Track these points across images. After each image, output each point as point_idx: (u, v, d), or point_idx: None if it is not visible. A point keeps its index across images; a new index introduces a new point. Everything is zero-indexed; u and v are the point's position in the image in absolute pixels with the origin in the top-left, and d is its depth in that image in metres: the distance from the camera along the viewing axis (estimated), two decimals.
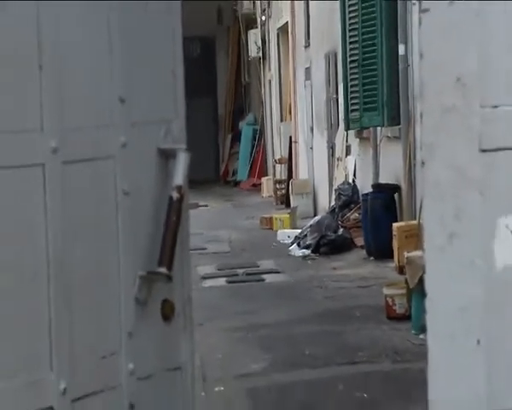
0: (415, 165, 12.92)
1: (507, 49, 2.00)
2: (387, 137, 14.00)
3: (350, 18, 14.81)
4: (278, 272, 13.64)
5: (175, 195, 2.77)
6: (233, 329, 10.04)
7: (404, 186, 13.17)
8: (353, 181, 15.53)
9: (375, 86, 13.89)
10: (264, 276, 13.34)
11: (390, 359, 9.06)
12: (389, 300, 10.44)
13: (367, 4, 14.05)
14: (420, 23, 1.95)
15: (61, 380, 2.57)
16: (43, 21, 2.64)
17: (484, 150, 1.98)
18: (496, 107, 2.00)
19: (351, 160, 16.02)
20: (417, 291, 9.89)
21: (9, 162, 2.52)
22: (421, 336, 9.49)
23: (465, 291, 1.99)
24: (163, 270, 2.73)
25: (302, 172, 20.00)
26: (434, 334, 1.99)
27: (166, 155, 2.83)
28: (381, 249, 13.05)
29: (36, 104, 2.58)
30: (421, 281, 10.28)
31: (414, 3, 12.51)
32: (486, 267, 2.00)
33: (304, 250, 14.58)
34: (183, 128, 2.92)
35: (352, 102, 14.76)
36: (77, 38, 2.73)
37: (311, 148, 18.88)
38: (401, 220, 12.91)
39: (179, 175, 2.78)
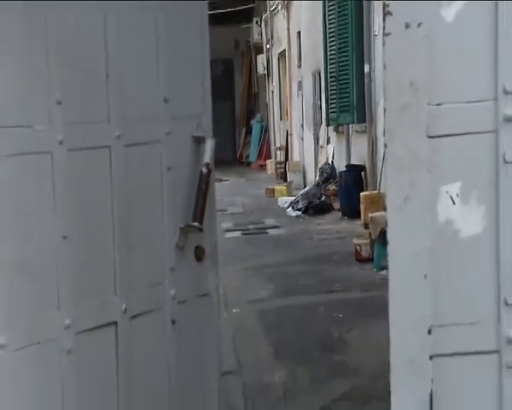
0: (376, 151, 13.03)
1: (448, 61, 1.97)
2: (356, 131, 14.14)
3: (330, 47, 15.16)
4: (278, 227, 13.78)
5: (204, 170, 2.73)
6: (246, 267, 10.18)
7: (368, 166, 13.32)
8: (332, 162, 15.71)
9: (347, 95, 14.11)
10: (268, 230, 13.53)
11: (359, 289, 9.14)
12: (357, 247, 10.56)
13: (342, 37, 14.23)
14: (384, 43, 1.95)
15: (122, 302, 2.57)
16: (109, 39, 2.57)
17: (430, 136, 1.96)
18: (439, 104, 1.98)
19: (330, 147, 16.21)
20: (378, 241, 10.04)
21: (88, 144, 2.50)
22: (381, 273, 9.53)
23: (416, 240, 1.98)
24: (196, 224, 2.70)
25: (295, 156, 20.12)
26: (394, 271, 1.97)
27: (198, 141, 2.79)
28: (351, 211, 13.20)
29: (104, 102, 2.54)
30: (380, 233, 10.32)
31: (376, 35, 12.56)
32: (432, 222, 1.98)
33: (296, 212, 14.81)
34: (209, 122, 2.88)
35: (331, 106, 15.17)
36: (133, 51, 2.66)
37: (302, 139, 18.96)
38: (366, 191, 12.92)
39: (207, 155, 2.75)
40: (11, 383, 2.29)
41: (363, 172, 13.71)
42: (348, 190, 13.61)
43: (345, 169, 14.42)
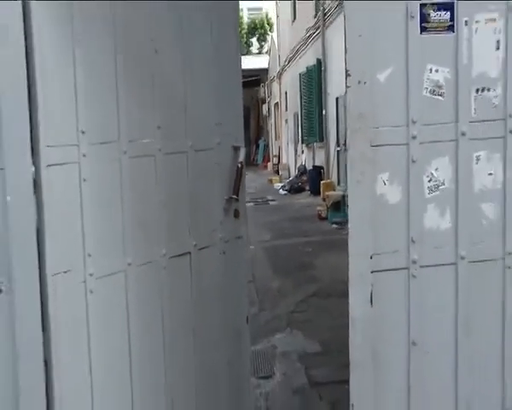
0: (329, 157, 13.03)
1: (381, 104, 1.88)
2: (318, 147, 14.01)
3: (303, 99, 15.36)
4: (274, 200, 13.86)
5: (239, 165, 2.61)
6: (257, 223, 10.08)
7: (324, 166, 13.30)
8: (304, 164, 15.73)
9: (312, 126, 14.25)
10: (269, 202, 13.56)
11: (320, 234, 9.12)
12: (319, 211, 10.52)
13: (310, 94, 14.32)
14: (346, 92, 1.87)
15: (193, 240, 2.43)
16: (187, 79, 2.36)
17: (372, 146, 1.88)
18: (377, 128, 1.88)
19: (303, 156, 16.40)
20: (331, 208, 9.95)
21: (174, 150, 2.34)
22: (333, 226, 9.49)
23: (364, 204, 1.89)
24: (234, 196, 2.60)
25: (284, 160, 20.23)
26: (352, 221, 1.89)
27: (235, 149, 2.63)
28: (315, 191, 13.24)
29: (183, 124, 2.37)
30: (332, 204, 10.24)
31: (328, 94, 12.49)
32: (372, 195, 1.91)
33: (285, 191, 14.83)
34: (242, 138, 2.71)
35: (304, 132, 15.39)
36: (200, 90, 2.45)
37: (288, 150, 19.18)
38: (323, 180, 12.97)
39: (241, 157, 2.62)
40: (135, 289, 2.20)
41: (321, 170, 13.73)
42: (313, 179, 13.70)
43: (311, 168, 14.48)
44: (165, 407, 2.33)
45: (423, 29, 1.86)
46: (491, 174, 1.96)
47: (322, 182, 12.70)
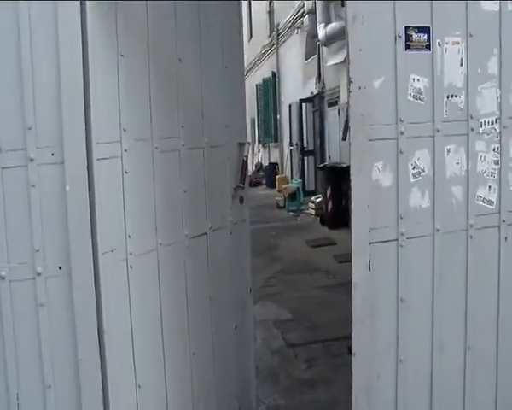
0: (282, 155, 13.12)
1: (377, 107, 1.97)
2: (274, 146, 14.09)
3: (260, 106, 15.31)
4: None
5: (244, 158, 2.67)
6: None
7: (279, 163, 13.40)
8: (261, 162, 15.73)
9: (268, 129, 14.27)
10: None
11: (280, 221, 9.25)
12: (277, 201, 10.62)
13: (266, 101, 14.45)
14: (349, 95, 1.93)
15: (209, 222, 2.50)
16: (203, 87, 2.41)
17: (370, 140, 1.96)
18: (372, 125, 1.96)
19: (260, 154, 16.22)
20: (288, 198, 10.06)
21: (193, 146, 2.37)
22: (289, 213, 9.63)
23: (363, 188, 1.97)
24: (241, 184, 2.66)
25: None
26: (355, 202, 1.96)
27: (240, 144, 2.69)
28: (271, 185, 13.34)
29: (201, 124, 2.41)
30: (289, 195, 10.38)
31: (282, 102, 12.63)
32: (370, 180, 1.98)
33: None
34: (246, 136, 2.78)
35: (260, 134, 15.36)
36: (213, 89, 2.49)
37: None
38: (278, 174, 13.09)
39: (245, 151, 2.69)
40: (164, 265, 2.24)
41: (276, 166, 13.83)
42: (269, 174, 13.73)
43: (267, 164, 14.52)
44: (189, 359, 2.40)
45: (407, 46, 1.97)
46: (458, 163, 2.10)
47: (277, 176, 12.86)
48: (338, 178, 8.51)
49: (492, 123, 2.11)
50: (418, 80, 2.01)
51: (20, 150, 1.78)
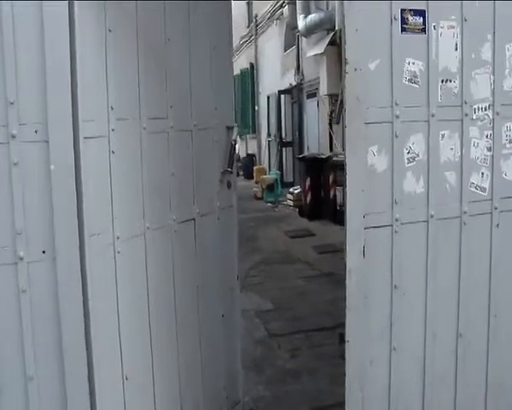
0: (260, 147, 13.09)
1: (371, 87, 1.94)
2: (251, 138, 14.05)
3: (237, 97, 15.81)
4: None
5: (233, 142, 2.61)
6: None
7: (256, 154, 13.36)
8: (238, 153, 15.73)
9: (246, 120, 14.29)
10: None
11: (259, 211, 9.22)
12: (255, 192, 10.58)
13: (245, 93, 14.40)
14: (344, 77, 1.88)
15: (197, 208, 2.43)
16: (192, 71, 2.34)
17: (365, 123, 1.92)
18: (368, 108, 1.92)
19: (237, 145, 16.18)
20: (266, 189, 10.06)
21: (182, 128, 2.31)
22: (267, 204, 9.63)
23: (359, 172, 1.91)
24: (229, 169, 2.61)
25: None
26: (349, 187, 1.89)
27: (228, 128, 2.63)
28: (249, 176, 13.29)
29: (189, 107, 2.35)
30: (267, 186, 10.36)
31: (260, 93, 12.55)
32: (365, 164, 1.95)
33: None
34: (233, 119, 2.73)
35: (238, 126, 15.35)
36: (201, 78, 2.44)
37: None
38: (256, 166, 13.05)
39: (234, 135, 2.63)
40: (152, 250, 2.17)
41: (254, 157, 13.78)
42: (247, 165, 13.63)
43: (245, 156, 14.44)
44: (177, 349, 2.33)
45: (403, 29, 1.95)
46: (452, 149, 2.10)
47: (254, 168, 12.81)
48: (317, 170, 8.53)
49: (485, 109, 2.10)
50: (413, 64, 1.98)
51: (2, 127, 1.66)
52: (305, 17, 8.62)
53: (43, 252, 1.74)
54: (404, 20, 1.94)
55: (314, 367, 3.75)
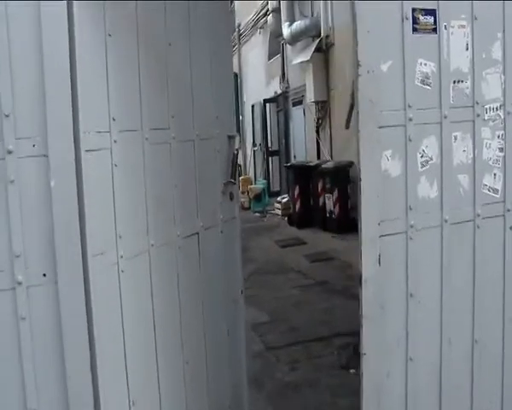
0: (245, 155, 13.00)
1: (386, 90, 1.89)
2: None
3: None
4: None
5: (235, 152, 2.54)
6: None
7: (242, 164, 13.36)
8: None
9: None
10: None
11: (248, 222, 9.11)
12: (242, 202, 10.51)
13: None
14: (357, 79, 1.84)
15: (200, 222, 2.34)
16: (194, 81, 2.27)
17: (379, 127, 1.86)
18: (381, 111, 1.86)
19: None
20: (253, 199, 9.98)
21: (185, 138, 2.22)
22: (255, 214, 9.55)
23: (374, 176, 1.85)
24: (232, 180, 2.53)
25: None
26: (364, 194, 1.83)
27: (230, 137, 2.55)
28: None
29: (191, 117, 2.27)
30: (254, 196, 10.28)
31: (244, 102, 12.49)
32: (379, 169, 1.90)
33: None
34: (235, 129, 2.65)
35: None
36: (203, 87, 2.36)
37: None
38: (242, 176, 13.07)
39: (236, 145, 2.55)
40: (156, 267, 2.06)
41: (239, 167, 13.76)
42: None
43: None
44: (183, 368, 2.24)
45: (414, 29, 1.90)
46: (464, 151, 2.05)
47: (240, 178, 12.74)
48: (306, 178, 8.49)
49: (497, 109, 2.07)
50: (425, 64, 1.94)
51: None
52: (290, 25, 8.62)
53: (44, 275, 1.62)
54: (415, 20, 1.89)
55: (314, 379, 3.68)
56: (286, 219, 9.20)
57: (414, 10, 1.90)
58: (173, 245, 2.17)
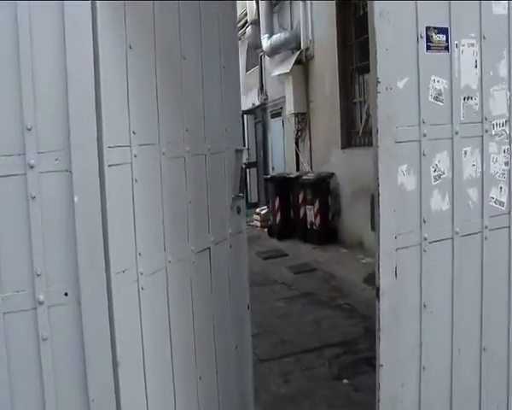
0: None
1: (402, 107, 1.91)
2: None
3: None
4: None
5: (243, 166, 2.54)
6: None
7: None
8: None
9: None
10: None
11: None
12: None
13: None
14: (376, 97, 1.86)
15: (212, 236, 2.33)
16: (205, 95, 2.26)
17: (396, 142, 1.88)
18: (397, 127, 1.88)
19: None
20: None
21: (197, 152, 2.21)
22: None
23: (391, 191, 1.85)
24: (240, 194, 2.53)
25: None
26: (382, 208, 1.82)
27: (237, 151, 2.55)
28: None
29: (203, 131, 2.26)
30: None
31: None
32: (395, 183, 1.90)
33: None
34: (242, 143, 2.65)
35: None
36: (212, 91, 2.35)
37: None
38: None
39: (243, 158, 2.56)
40: (173, 284, 2.04)
41: None
42: None
43: None
44: (196, 384, 2.21)
45: (428, 47, 1.94)
46: (473, 165, 2.11)
47: None
48: (287, 189, 8.52)
49: (503, 125, 2.14)
50: (438, 81, 1.99)
51: (18, 155, 1.51)
52: (270, 37, 8.69)
53: (66, 294, 1.59)
54: (429, 38, 1.94)
55: (309, 390, 3.69)
56: (266, 230, 9.17)
57: (428, 29, 1.95)
58: (188, 261, 2.15)
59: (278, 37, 8.51)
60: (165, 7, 1.94)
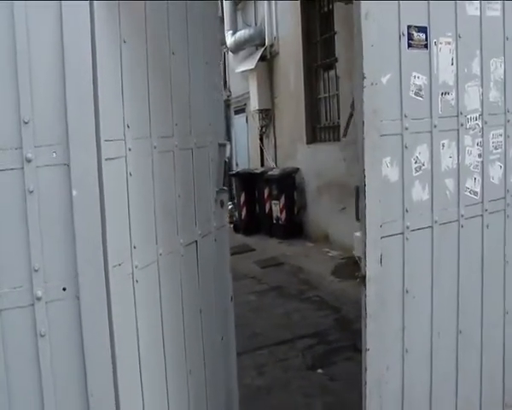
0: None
1: (385, 102, 2.02)
2: None
3: None
4: None
5: (226, 160, 2.51)
6: None
7: None
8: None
9: None
10: None
11: None
12: None
13: None
14: (363, 91, 1.92)
15: (198, 230, 2.33)
16: (192, 93, 2.27)
17: (381, 135, 1.96)
18: (381, 121, 1.97)
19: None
20: None
21: (185, 147, 2.22)
22: None
23: (374, 182, 1.92)
24: (224, 187, 2.54)
25: None
26: (368, 199, 1.88)
27: (221, 145, 2.54)
28: None
29: (188, 125, 2.25)
30: None
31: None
32: (380, 175, 1.98)
33: None
34: (224, 136, 2.65)
35: None
36: (197, 86, 2.33)
37: None
38: None
39: (227, 152, 2.53)
40: (164, 276, 2.02)
41: None
42: None
43: None
44: (186, 378, 2.23)
45: (409, 45, 2.06)
46: (450, 157, 2.24)
47: None
48: (252, 185, 8.57)
49: (476, 119, 2.28)
50: (418, 77, 2.10)
51: (15, 149, 1.49)
52: (234, 33, 8.70)
53: (64, 289, 1.57)
54: (410, 36, 2.04)
55: (284, 381, 3.75)
56: (231, 226, 9.19)
57: (409, 27, 2.05)
58: (177, 254, 2.15)
59: (242, 33, 8.54)
60: (155, 7, 1.95)
